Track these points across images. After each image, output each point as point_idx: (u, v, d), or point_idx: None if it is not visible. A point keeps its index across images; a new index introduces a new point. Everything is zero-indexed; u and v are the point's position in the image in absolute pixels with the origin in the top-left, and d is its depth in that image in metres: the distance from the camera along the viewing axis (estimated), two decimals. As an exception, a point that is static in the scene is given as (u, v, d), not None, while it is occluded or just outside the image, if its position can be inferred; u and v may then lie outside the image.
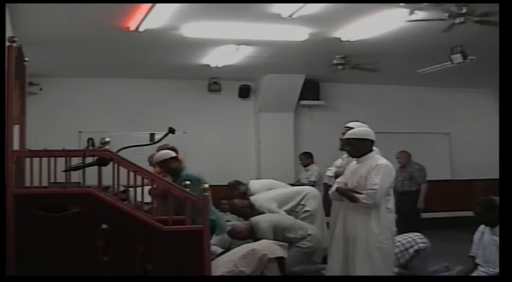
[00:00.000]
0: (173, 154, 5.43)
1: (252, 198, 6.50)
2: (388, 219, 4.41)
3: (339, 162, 5.33)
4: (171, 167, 5.38)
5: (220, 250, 6.64)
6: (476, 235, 4.81)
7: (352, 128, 4.83)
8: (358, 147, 4.53)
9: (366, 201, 4.35)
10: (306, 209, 6.43)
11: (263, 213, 6.24)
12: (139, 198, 4.73)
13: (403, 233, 5.76)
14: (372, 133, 4.59)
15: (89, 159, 3.51)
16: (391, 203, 4.47)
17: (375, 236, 4.32)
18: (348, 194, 4.49)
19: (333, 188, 4.73)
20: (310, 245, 5.93)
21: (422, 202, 7.99)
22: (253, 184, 7.09)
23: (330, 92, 9.90)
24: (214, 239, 6.64)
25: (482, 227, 4.73)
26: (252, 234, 5.94)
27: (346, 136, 4.70)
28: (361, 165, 4.48)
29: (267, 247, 6.06)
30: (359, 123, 4.89)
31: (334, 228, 4.79)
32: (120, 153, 3.60)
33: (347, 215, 4.55)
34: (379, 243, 4.33)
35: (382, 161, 4.48)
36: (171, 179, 5.43)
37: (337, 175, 5.00)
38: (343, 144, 4.86)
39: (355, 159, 4.61)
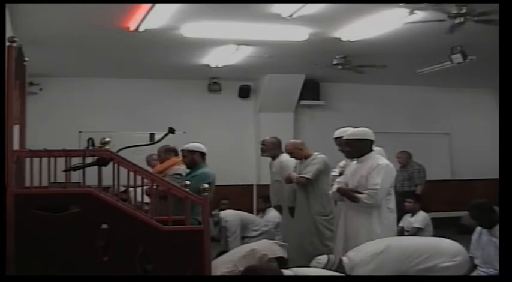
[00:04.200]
0: (204, 150, 5.49)
1: None
2: (390, 219, 4.42)
3: (342, 163, 5.33)
4: (193, 159, 5.42)
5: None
6: (474, 236, 4.82)
7: (341, 137, 4.86)
8: (357, 148, 4.53)
9: (367, 201, 4.35)
10: None
11: None
12: (139, 199, 4.75)
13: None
14: (370, 133, 4.59)
15: (89, 159, 3.51)
16: (392, 203, 4.47)
17: (376, 235, 4.33)
18: (349, 194, 4.49)
19: (334, 188, 4.73)
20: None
21: None
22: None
23: (330, 92, 9.90)
24: None
25: (479, 228, 4.73)
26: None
27: (345, 137, 4.71)
28: (362, 165, 4.48)
29: (267, 247, 6.06)
30: (348, 128, 4.89)
31: (337, 228, 4.80)
32: (120, 153, 3.60)
33: (348, 215, 4.56)
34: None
35: (383, 161, 4.49)
36: (186, 172, 5.49)
37: (341, 175, 5.01)
38: (345, 148, 4.85)
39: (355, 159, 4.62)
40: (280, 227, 7.23)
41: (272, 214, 8.17)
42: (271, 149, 6.47)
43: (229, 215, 7.50)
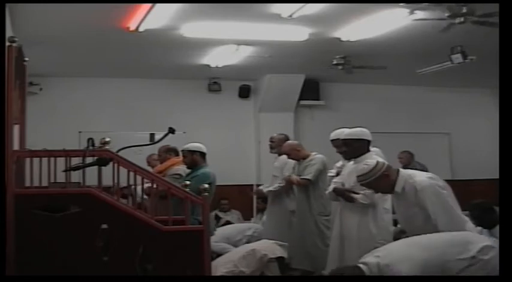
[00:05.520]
0: (204, 150, 5.49)
1: None
2: (385, 220, 4.42)
3: (339, 163, 5.34)
4: (193, 159, 5.41)
5: (228, 247, 6.66)
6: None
7: (338, 139, 4.86)
8: (355, 148, 4.53)
9: (363, 201, 4.36)
10: None
11: None
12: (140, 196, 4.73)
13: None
14: (368, 133, 4.59)
15: (89, 159, 3.51)
16: (388, 203, 4.47)
17: (372, 236, 4.33)
18: (345, 194, 4.50)
19: (330, 188, 4.74)
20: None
21: None
22: None
23: (330, 92, 9.90)
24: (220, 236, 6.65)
25: (479, 228, 4.73)
26: None
27: (342, 137, 4.72)
28: (359, 165, 4.48)
29: (267, 247, 6.07)
30: (344, 129, 4.90)
31: (332, 228, 4.81)
32: (120, 153, 3.60)
33: (344, 215, 4.57)
34: (376, 244, 4.32)
35: (380, 161, 4.49)
36: (186, 173, 5.49)
37: (338, 175, 5.02)
38: (342, 148, 4.86)
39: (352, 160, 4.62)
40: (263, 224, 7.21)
41: None
42: (279, 145, 6.51)
43: None
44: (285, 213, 6.39)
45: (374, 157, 4.52)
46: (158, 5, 5.32)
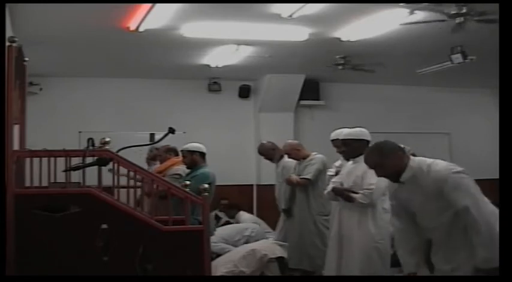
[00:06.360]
0: (204, 150, 5.48)
1: None
2: (384, 219, 4.43)
3: (338, 162, 5.35)
4: (193, 159, 5.41)
5: (227, 247, 6.66)
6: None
7: (337, 139, 4.88)
8: (354, 148, 4.54)
9: (362, 201, 4.37)
10: None
11: None
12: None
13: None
14: (367, 133, 4.60)
15: (89, 159, 3.51)
16: (387, 203, 4.47)
17: (371, 235, 4.34)
18: (344, 194, 4.50)
19: (329, 188, 4.75)
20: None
21: None
22: None
23: (330, 92, 9.90)
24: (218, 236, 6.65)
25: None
26: None
27: (341, 137, 4.73)
28: (357, 165, 4.49)
29: (267, 247, 6.09)
30: (342, 130, 4.91)
31: (331, 227, 4.81)
32: (120, 153, 3.60)
33: (343, 214, 4.57)
34: (375, 243, 4.35)
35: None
36: (185, 172, 5.50)
37: (337, 175, 5.03)
38: (342, 148, 4.87)
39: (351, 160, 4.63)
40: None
41: (245, 217, 8.15)
42: (272, 154, 6.56)
43: None
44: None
45: None
46: (158, 5, 5.32)
